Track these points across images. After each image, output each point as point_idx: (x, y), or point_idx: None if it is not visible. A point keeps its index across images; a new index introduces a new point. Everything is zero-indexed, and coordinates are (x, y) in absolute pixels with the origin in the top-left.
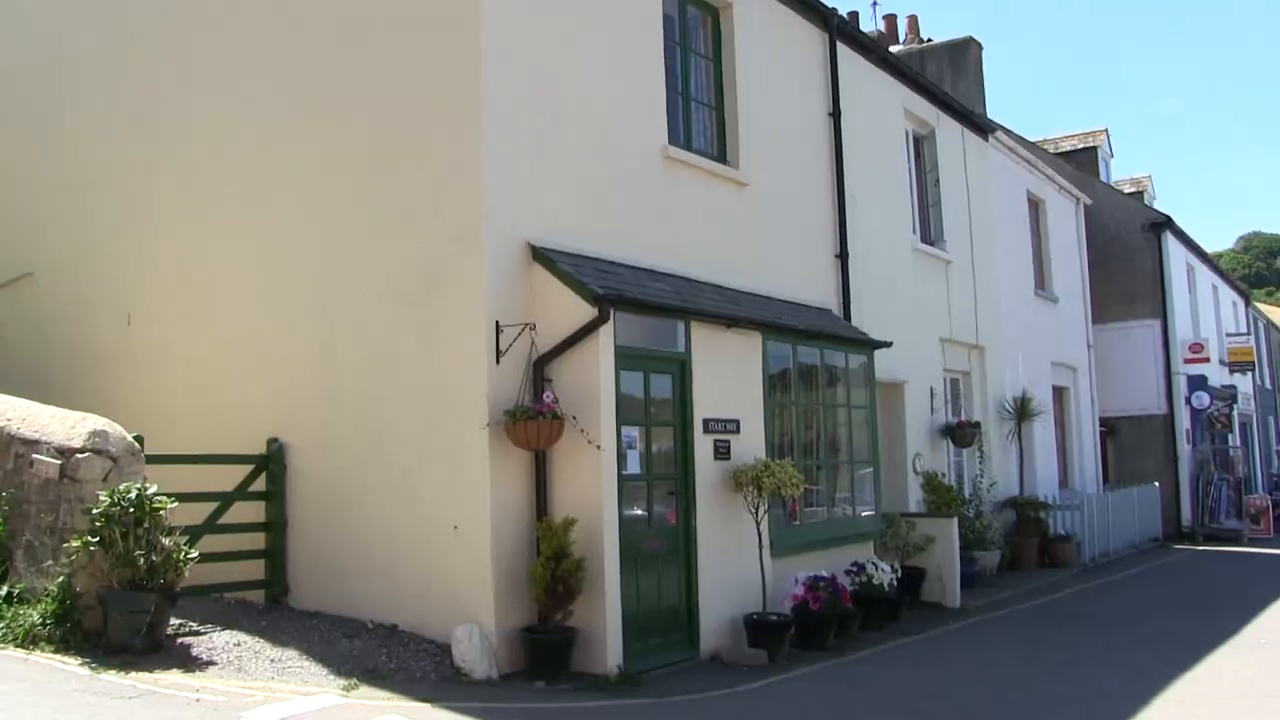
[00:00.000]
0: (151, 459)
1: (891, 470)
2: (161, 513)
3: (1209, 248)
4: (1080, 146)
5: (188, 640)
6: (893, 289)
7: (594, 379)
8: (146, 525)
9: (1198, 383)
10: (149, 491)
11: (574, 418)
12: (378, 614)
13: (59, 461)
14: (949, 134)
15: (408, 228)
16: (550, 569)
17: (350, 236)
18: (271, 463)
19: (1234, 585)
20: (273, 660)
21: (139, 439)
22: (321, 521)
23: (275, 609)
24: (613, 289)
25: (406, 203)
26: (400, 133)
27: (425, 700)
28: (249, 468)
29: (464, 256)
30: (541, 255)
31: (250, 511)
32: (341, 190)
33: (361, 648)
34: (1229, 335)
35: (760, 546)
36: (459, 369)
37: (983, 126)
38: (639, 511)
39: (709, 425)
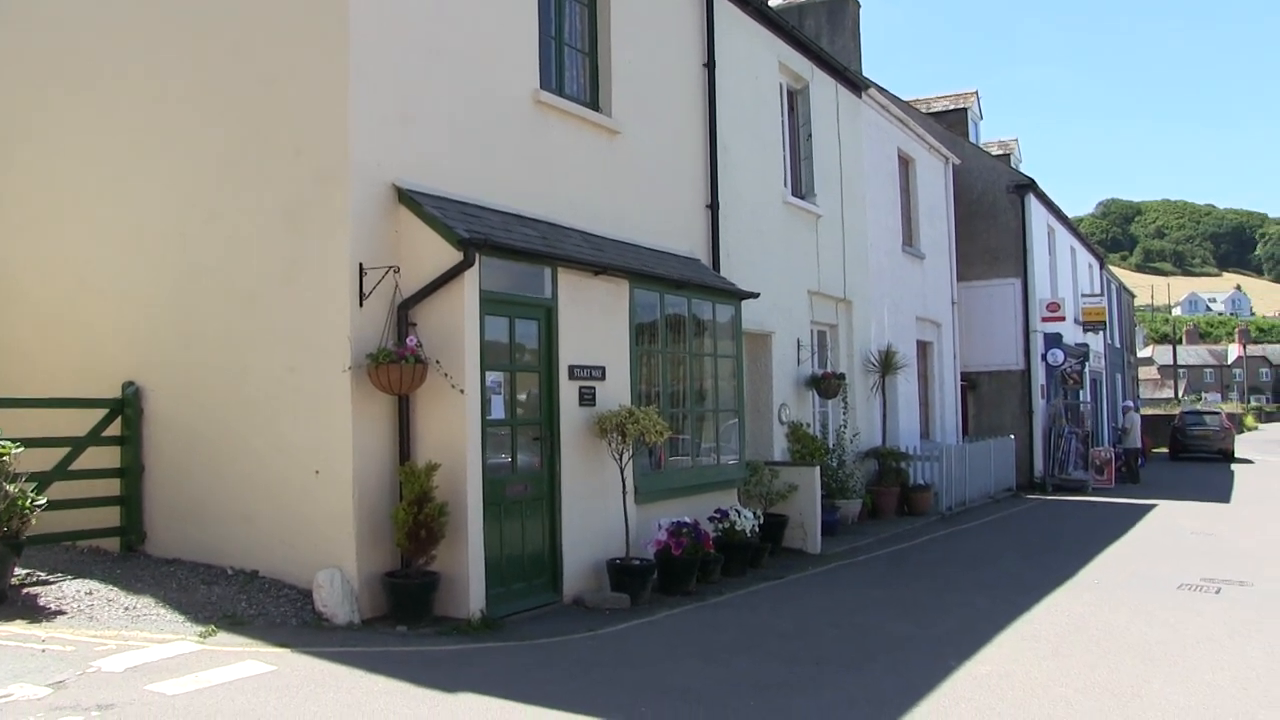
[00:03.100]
0: None
1: (757, 420)
2: (5, 458)
3: (1070, 212)
4: (951, 108)
5: (34, 590)
6: (762, 241)
7: (458, 323)
8: None
9: (1053, 340)
10: None
11: (438, 362)
12: (238, 560)
13: None
14: (823, 89)
15: (270, 166)
16: (413, 514)
17: (209, 173)
18: (127, 406)
19: (1076, 532)
20: (126, 609)
21: None
22: (180, 466)
23: (131, 557)
24: (479, 233)
25: (269, 140)
26: (263, 68)
27: (284, 646)
28: (103, 412)
29: (327, 197)
30: (407, 197)
31: (105, 457)
32: (200, 126)
33: (220, 594)
34: (1084, 296)
35: (624, 492)
36: (321, 311)
37: (856, 83)
38: (503, 457)
39: (574, 372)
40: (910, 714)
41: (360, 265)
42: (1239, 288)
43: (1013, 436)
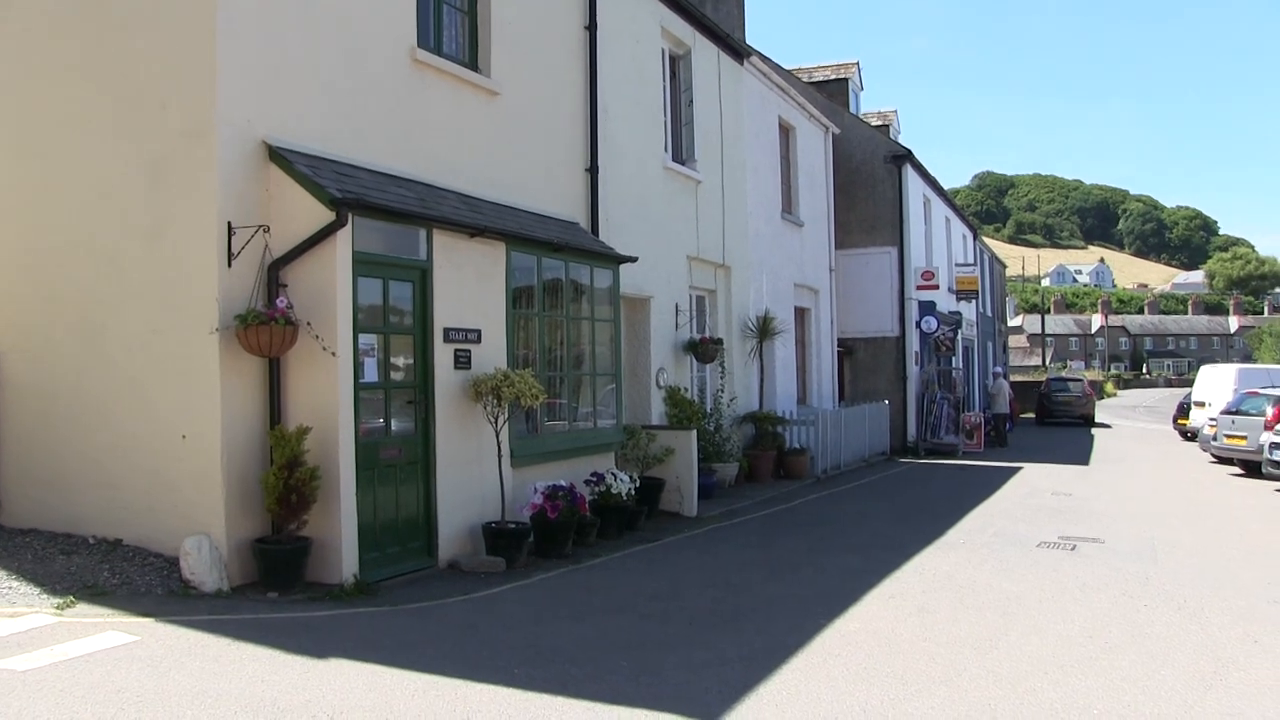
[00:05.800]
0: None
1: (635, 384)
2: None
3: (947, 184)
4: (832, 78)
5: None
6: (642, 206)
7: (330, 285)
8: None
9: (927, 308)
10: None
11: (309, 324)
12: (101, 529)
13: None
14: (705, 55)
15: (133, 120)
16: (283, 478)
17: (68, 125)
18: None
19: (945, 494)
20: None
21: None
22: (37, 433)
23: None
24: (351, 193)
25: (131, 93)
26: (124, 18)
27: (149, 615)
28: None
29: (194, 153)
30: (278, 155)
31: None
32: (58, 78)
33: (81, 564)
34: (958, 265)
35: (500, 456)
36: (188, 271)
37: (739, 50)
38: (377, 421)
39: (449, 334)
40: (781, 671)
41: (229, 224)
42: (1103, 260)
43: (887, 402)
